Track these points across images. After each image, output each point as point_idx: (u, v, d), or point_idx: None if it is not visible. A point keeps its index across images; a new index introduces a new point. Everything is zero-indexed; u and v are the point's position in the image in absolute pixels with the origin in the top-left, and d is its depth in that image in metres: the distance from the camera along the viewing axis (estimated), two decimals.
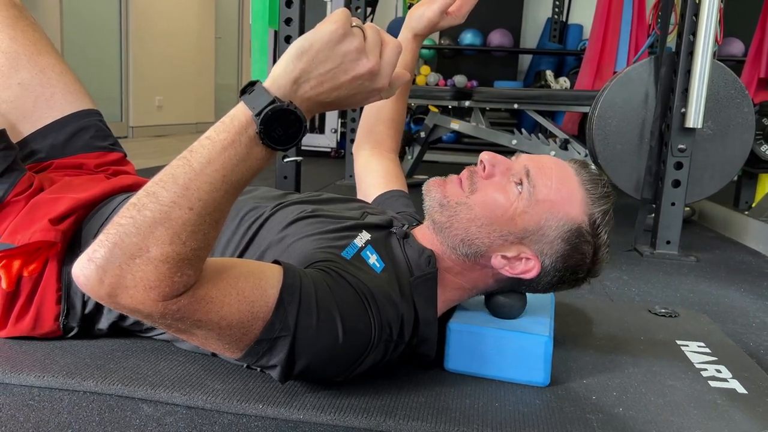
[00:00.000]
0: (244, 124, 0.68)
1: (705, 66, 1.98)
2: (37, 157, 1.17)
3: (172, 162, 0.68)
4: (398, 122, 1.35)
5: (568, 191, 0.91)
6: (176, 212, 0.66)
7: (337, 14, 0.69)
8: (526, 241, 0.92)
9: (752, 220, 2.44)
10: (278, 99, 0.67)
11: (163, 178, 0.67)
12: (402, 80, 0.77)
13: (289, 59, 0.68)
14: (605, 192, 0.93)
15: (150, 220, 0.66)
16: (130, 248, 0.66)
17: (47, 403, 0.85)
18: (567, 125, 3.79)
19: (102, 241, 0.67)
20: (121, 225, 0.66)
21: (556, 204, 0.90)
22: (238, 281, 0.75)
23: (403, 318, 0.88)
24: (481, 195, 0.92)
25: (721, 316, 1.49)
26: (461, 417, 0.85)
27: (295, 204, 1.03)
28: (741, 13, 3.96)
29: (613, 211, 0.94)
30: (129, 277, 0.67)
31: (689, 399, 0.94)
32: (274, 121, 0.67)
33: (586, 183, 0.92)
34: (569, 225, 0.91)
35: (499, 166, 0.93)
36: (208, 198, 0.67)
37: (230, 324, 0.75)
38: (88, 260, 0.67)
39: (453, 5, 1.19)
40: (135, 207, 0.67)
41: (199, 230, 0.67)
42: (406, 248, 0.97)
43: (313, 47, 0.67)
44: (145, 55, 5.68)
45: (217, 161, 0.67)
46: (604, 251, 0.94)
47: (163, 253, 0.66)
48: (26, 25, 1.20)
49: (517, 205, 0.90)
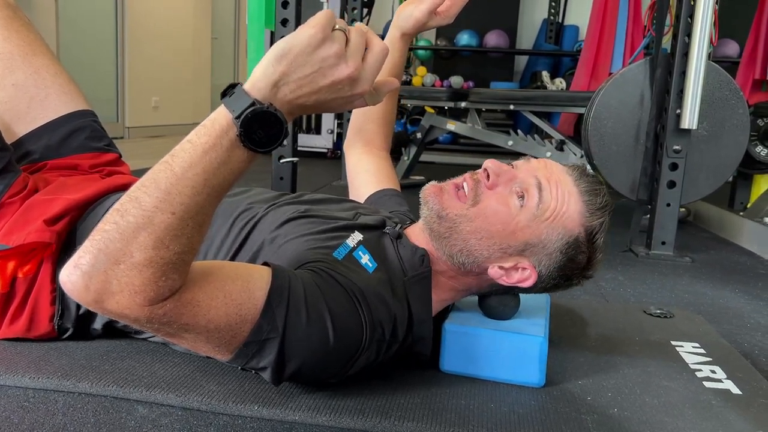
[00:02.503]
0: (224, 126, 0.67)
1: (700, 67, 1.98)
2: (32, 158, 1.17)
3: (155, 166, 0.68)
4: (388, 120, 1.35)
5: (569, 204, 0.91)
6: (159, 217, 0.66)
7: (319, 17, 0.68)
8: (525, 253, 0.92)
9: (747, 220, 2.44)
10: (258, 101, 0.67)
11: (146, 183, 0.67)
12: (389, 87, 0.76)
13: (268, 62, 0.68)
14: (604, 202, 0.92)
15: (133, 225, 0.66)
16: (114, 254, 0.66)
17: (42, 405, 0.84)
18: (563, 126, 3.80)
19: (87, 248, 0.67)
20: (105, 231, 0.67)
21: (557, 218, 0.90)
22: (225, 284, 0.75)
23: (395, 317, 0.88)
24: (483, 207, 0.91)
25: (716, 317, 1.49)
26: (457, 418, 0.85)
27: (288, 204, 1.03)
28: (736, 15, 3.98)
29: (609, 217, 0.94)
30: (114, 282, 0.67)
31: (684, 400, 0.94)
32: (254, 123, 0.67)
33: (585, 194, 0.91)
34: (567, 237, 0.91)
35: (503, 176, 0.92)
36: (191, 202, 0.67)
37: (218, 327, 0.75)
38: (74, 266, 0.67)
39: (442, 5, 1.19)
40: (118, 212, 0.67)
41: (183, 234, 0.67)
42: (399, 248, 0.97)
43: (292, 51, 0.67)
44: (141, 55, 5.67)
45: (199, 165, 0.67)
46: (599, 256, 0.94)
47: (147, 258, 0.66)
48: (21, 26, 1.20)
49: (519, 219, 0.90)
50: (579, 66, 4.04)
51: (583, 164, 1.02)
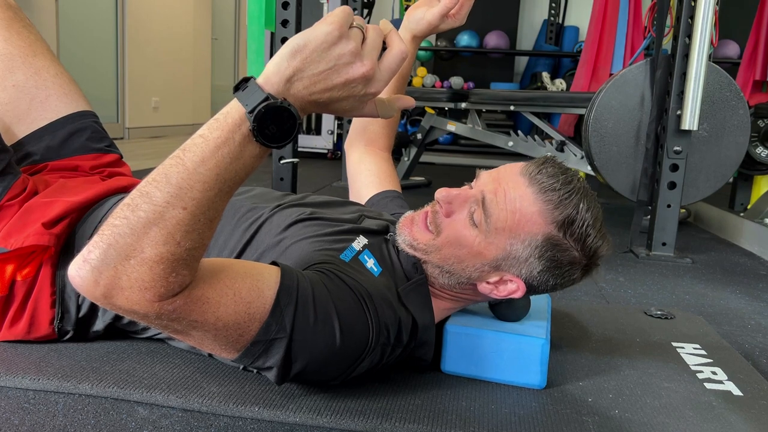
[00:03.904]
0: (237, 121, 0.66)
1: (700, 68, 1.98)
2: (33, 159, 1.17)
3: (165, 161, 0.67)
4: (392, 122, 1.35)
5: (522, 209, 0.87)
6: (170, 212, 0.65)
7: (336, 14, 0.67)
8: (502, 268, 0.91)
9: (748, 221, 2.44)
10: (272, 96, 0.66)
11: (156, 178, 0.67)
12: (404, 104, 0.75)
13: (283, 57, 0.67)
14: (566, 193, 0.87)
15: (144, 220, 0.65)
16: (125, 249, 0.65)
17: (42, 406, 0.84)
18: (563, 127, 3.80)
19: (97, 242, 0.66)
20: (115, 226, 0.66)
21: (514, 227, 0.87)
22: (235, 282, 0.75)
23: (400, 321, 0.88)
24: (446, 236, 0.91)
25: (717, 318, 1.49)
26: (458, 419, 0.85)
27: (293, 206, 1.03)
28: (736, 16, 3.98)
29: (587, 199, 0.88)
30: (124, 278, 0.66)
31: (685, 401, 0.94)
32: (268, 118, 0.66)
33: (542, 192, 0.87)
34: (535, 241, 0.88)
35: (456, 201, 0.91)
36: (202, 197, 0.66)
37: (226, 325, 0.74)
38: (83, 261, 0.67)
39: (453, 8, 1.18)
40: (129, 207, 0.66)
41: (194, 230, 0.67)
42: (399, 255, 0.97)
43: (307, 47, 0.66)
44: (142, 56, 5.67)
45: (211, 160, 0.66)
46: (593, 243, 0.89)
47: (158, 253, 0.66)
48: (21, 27, 1.20)
49: (478, 240, 0.89)
50: (579, 67, 4.04)
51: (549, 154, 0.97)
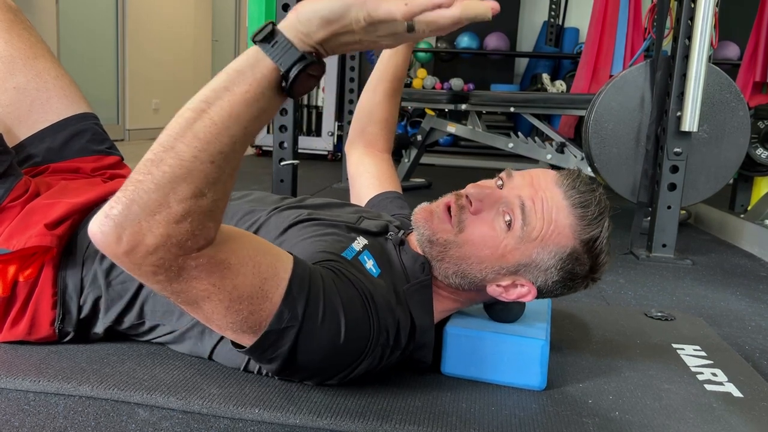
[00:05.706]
0: (267, 77, 0.66)
1: (700, 69, 1.98)
2: (34, 161, 1.17)
3: (185, 114, 0.66)
4: (391, 123, 1.35)
5: (558, 221, 0.88)
6: (198, 167, 0.65)
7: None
8: (520, 272, 0.91)
9: (748, 223, 2.44)
10: (307, 54, 0.65)
11: (180, 132, 0.65)
12: None
13: (316, 16, 0.65)
14: (598, 212, 0.89)
15: (170, 175, 0.64)
16: (150, 205, 0.65)
17: (43, 408, 0.84)
18: (563, 128, 3.80)
19: (119, 198, 0.65)
20: (139, 181, 0.65)
21: (546, 238, 0.88)
22: (256, 255, 0.76)
23: (399, 324, 0.88)
24: (469, 233, 0.90)
25: (717, 320, 1.49)
26: (458, 421, 0.85)
27: (291, 209, 1.03)
28: (736, 17, 3.99)
29: (609, 218, 0.91)
30: (149, 234, 0.65)
31: (685, 403, 0.94)
32: (302, 77, 0.66)
33: (577, 206, 0.88)
34: (561, 253, 0.89)
35: (487, 200, 0.90)
36: (229, 150, 0.66)
37: (241, 296, 0.74)
38: (105, 217, 0.66)
39: None
40: (152, 162, 0.65)
41: (219, 181, 0.67)
42: (402, 255, 0.97)
43: (344, 18, 0.64)
44: (142, 57, 5.67)
45: (243, 116, 0.66)
46: (603, 260, 0.92)
47: (186, 207, 0.65)
48: (22, 29, 1.20)
49: (506, 242, 0.89)
50: (579, 68, 4.04)
51: (577, 167, 1.00)
